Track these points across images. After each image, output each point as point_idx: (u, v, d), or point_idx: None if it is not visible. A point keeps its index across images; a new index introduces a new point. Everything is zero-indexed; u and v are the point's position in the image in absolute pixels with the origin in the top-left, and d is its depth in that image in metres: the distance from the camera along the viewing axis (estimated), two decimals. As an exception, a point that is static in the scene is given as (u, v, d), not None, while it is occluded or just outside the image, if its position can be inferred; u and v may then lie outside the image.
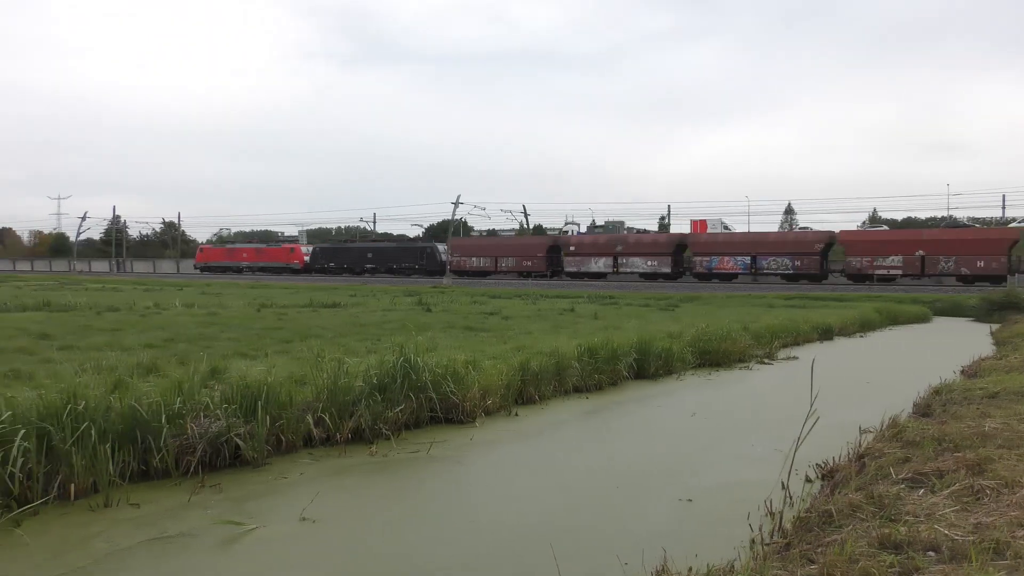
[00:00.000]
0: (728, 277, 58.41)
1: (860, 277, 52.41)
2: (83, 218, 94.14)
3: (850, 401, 10.38)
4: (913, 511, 4.64)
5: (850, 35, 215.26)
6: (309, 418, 7.57)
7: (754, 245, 58.26)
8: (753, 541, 5.03)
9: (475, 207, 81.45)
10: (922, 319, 28.04)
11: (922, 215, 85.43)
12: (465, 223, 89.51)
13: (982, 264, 47.72)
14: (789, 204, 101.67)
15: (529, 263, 66.06)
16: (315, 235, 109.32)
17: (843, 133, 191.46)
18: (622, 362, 12.02)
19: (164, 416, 6.48)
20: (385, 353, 9.37)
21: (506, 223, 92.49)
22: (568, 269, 63.65)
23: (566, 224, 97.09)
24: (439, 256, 68.48)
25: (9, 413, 5.70)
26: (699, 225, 65.26)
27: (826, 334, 20.09)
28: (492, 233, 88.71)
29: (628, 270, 61.30)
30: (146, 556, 4.87)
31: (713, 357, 14.29)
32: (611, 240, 63.88)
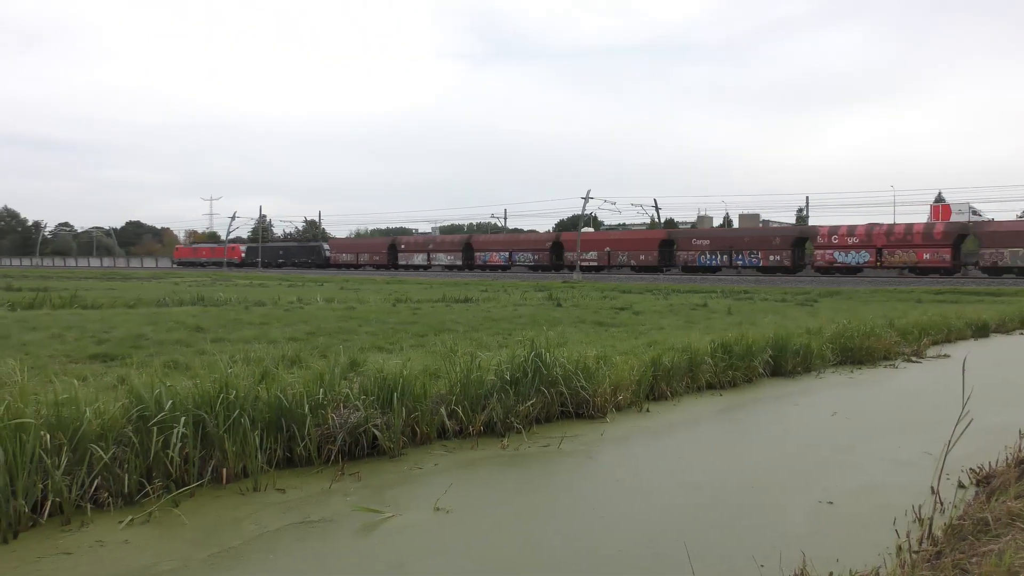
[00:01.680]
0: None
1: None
2: (232, 217, 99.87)
3: (1008, 402, 9.71)
4: (1081, 522, 4.30)
5: (1007, 15, 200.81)
6: (443, 411, 7.75)
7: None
8: (900, 548, 4.78)
9: (605, 201, 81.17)
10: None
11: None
12: (595, 217, 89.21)
13: None
14: (939, 193, 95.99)
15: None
16: (447, 230, 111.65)
17: (995, 118, 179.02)
18: (757, 359, 11.68)
19: (307, 406, 6.77)
20: (516, 348, 9.46)
21: (636, 217, 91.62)
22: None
23: (697, 217, 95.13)
24: (323, 252, 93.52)
25: (170, 401, 6.10)
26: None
27: (981, 331, 18.81)
28: (623, 227, 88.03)
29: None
30: (291, 539, 5.11)
31: (855, 354, 13.66)
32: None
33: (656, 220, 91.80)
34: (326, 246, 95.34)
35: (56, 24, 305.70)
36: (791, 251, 58.83)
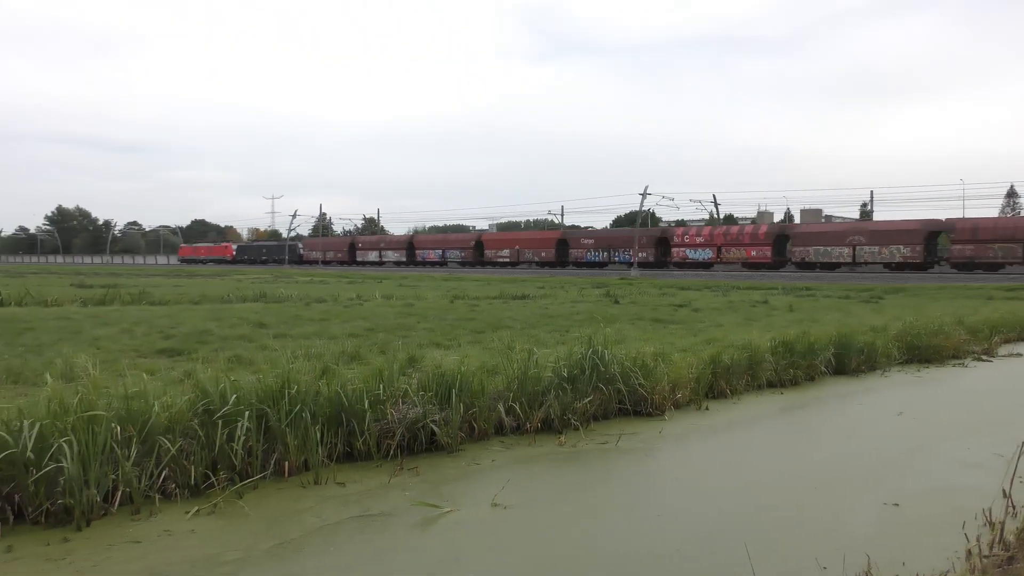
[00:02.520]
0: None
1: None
2: (294, 215, 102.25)
3: (1085, 403, 9.34)
4: None
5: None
6: (500, 407, 7.77)
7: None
8: (969, 552, 4.64)
9: (663, 197, 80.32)
10: None
11: None
12: (653, 214, 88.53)
13: None
14: (1011, 187, 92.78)
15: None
16: (504, 227, 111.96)
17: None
18: (820, 356, 11.45)
19: (366, 401, 6.86)
20: (574, 344, 9.43)
21: (695, 213, 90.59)
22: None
23: (757, 213, 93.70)
24: (298, 251, 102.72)
25: (234, 396, 6.24)
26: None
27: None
28: (681, 223, 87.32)
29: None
30: (351, 532, 5.18)
31: (922, 353, 13.29)
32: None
33: (715, 216, 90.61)
34: (300, 245, 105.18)
35: (124, 29, 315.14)
36: (655, 249, 68.95)
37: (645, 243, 68.54)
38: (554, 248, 76.50)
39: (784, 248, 63.16)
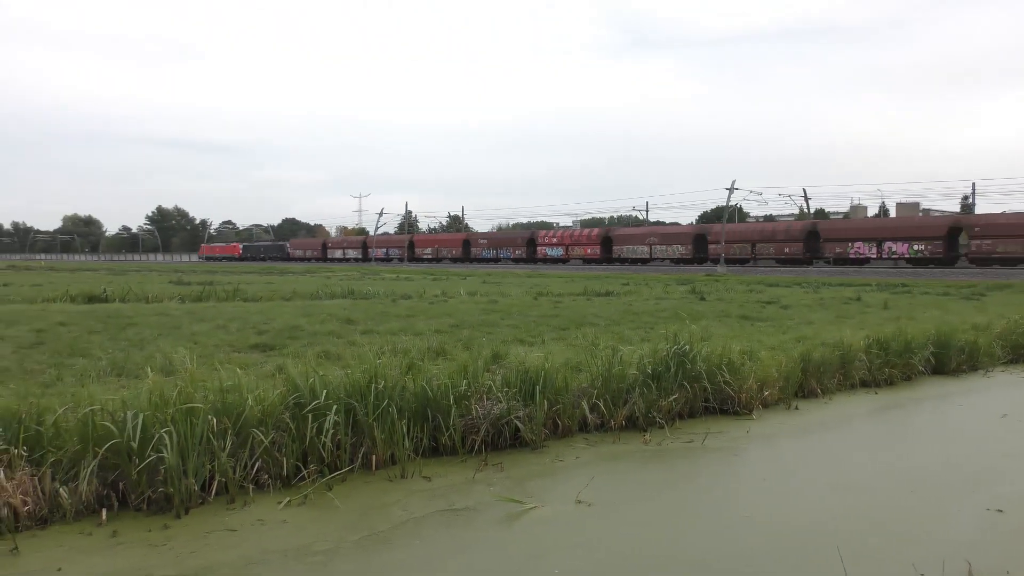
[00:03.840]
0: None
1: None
2: (380, 213, 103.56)
3: None
4: None
5: None
6: (584, 404, 7.74)
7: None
8: (1080, 562, 4.41)
9: (751, 192, 78.61)
10: None
11: None
12: (740, 209, 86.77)
13: None
14: None
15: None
16: (588, 223, 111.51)
17: None
18: (917, 355, 11.04)
19: (451, 397, 6.93)
20: (658, 342, 9.33)
21: (784, 208, 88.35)
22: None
23: (850, 207, 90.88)
24: (287, 250, 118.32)
25: (324, 390, 6.40)
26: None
27: None
28: (770, 218, 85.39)
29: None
30: (437, 525, 5.25)
31: (1029, 352, 12.68)
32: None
33: (805, 211, 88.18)
34: (288, 245, 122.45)
35: (212, 35, 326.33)
36: (525, 248, 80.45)
37: (520, 243, 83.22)
38: (460, 246, 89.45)
39: (611, 249, 73.94)
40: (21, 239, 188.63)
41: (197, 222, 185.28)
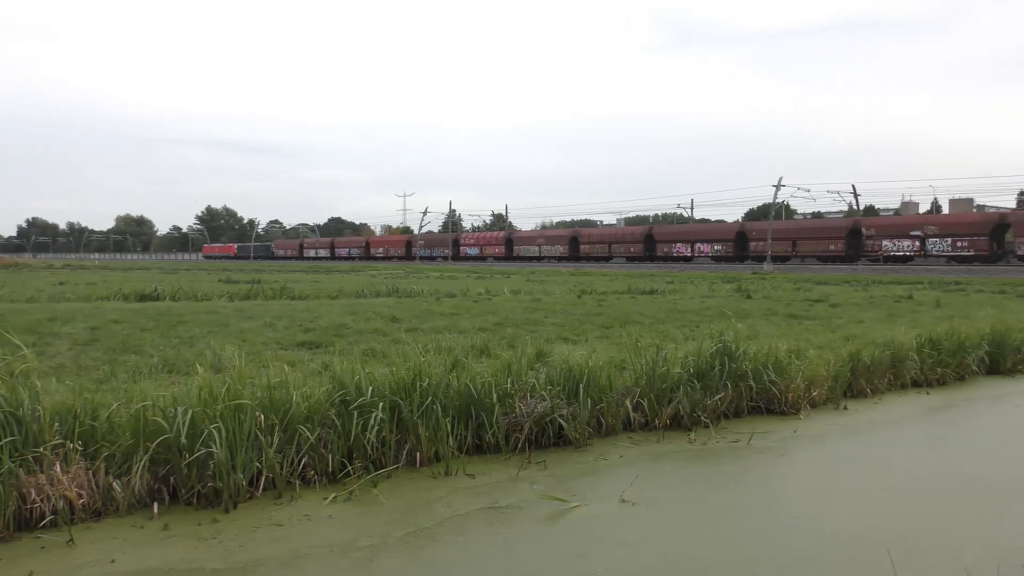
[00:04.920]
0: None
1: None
2: (424, 212, 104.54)
3: None
4: None
5: None
6: (628, 403, 7.70)
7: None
8: None
9: (798, 189, 77.38)
10: None
11: None
12: (787, 206, 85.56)
13: None
14: None
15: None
16: (632, 222, 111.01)
17: None
18: (971, 355, 10.78)
19: (495, 395, 6.94)
20: (704, 340, 9.24)
21: (833, 205, 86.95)
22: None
23: (901, 203, 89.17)
24: (272, 251, 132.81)
25: (369, 387, 6.45)
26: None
27: None
28: (817, 216, 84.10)
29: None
30: (481, 523, 5.26)
31: (1089, 352, 12.29)
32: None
33: (854, 208, 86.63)
34: (273, 245, 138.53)
35: (260, 40, 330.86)
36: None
37: (446, 244, 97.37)
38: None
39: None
40: (76, 239, 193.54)
41: (245, 221, 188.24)
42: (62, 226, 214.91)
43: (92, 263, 79.54)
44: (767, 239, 62.06)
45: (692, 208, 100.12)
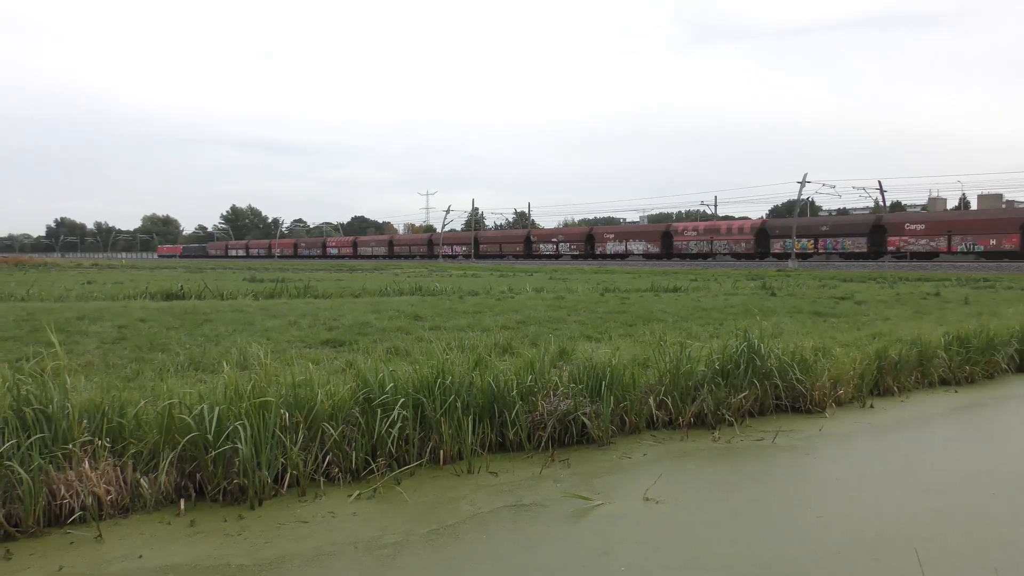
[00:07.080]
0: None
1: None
2: (447, 211, 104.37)
3: None
4: None
5: None
6: (651, 401, 7.68)
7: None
8: None
9: (823, 185, 76.67)
10: None
11: None
12: (812, 203, 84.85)
13: None
14: None
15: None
16: (655, 219, 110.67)
17: None
18: (1000, 352, 10.64)
19: (518, 393, 6.94)
20: (728, 338, 9.18)
21: (858, 201, 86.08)
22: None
23: (928, 199, 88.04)
24: (207, 251, 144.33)
25: (392, 385, 6.48)
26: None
27: None
28: (843, 212, 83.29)
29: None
30: (504, 521, 5.27)
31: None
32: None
33: (880, 204, 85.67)
34: (207, 247, 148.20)
35: (284, 41, 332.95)
36: (387, 248, 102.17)
37: (376, 243, 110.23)
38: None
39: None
40: (103, 238, 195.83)
41: (269, 220, 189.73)
42: (90, 226, 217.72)
43: (119, 262, 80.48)
44: (792, 235, 61.57)
45: (716, 205, 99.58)
